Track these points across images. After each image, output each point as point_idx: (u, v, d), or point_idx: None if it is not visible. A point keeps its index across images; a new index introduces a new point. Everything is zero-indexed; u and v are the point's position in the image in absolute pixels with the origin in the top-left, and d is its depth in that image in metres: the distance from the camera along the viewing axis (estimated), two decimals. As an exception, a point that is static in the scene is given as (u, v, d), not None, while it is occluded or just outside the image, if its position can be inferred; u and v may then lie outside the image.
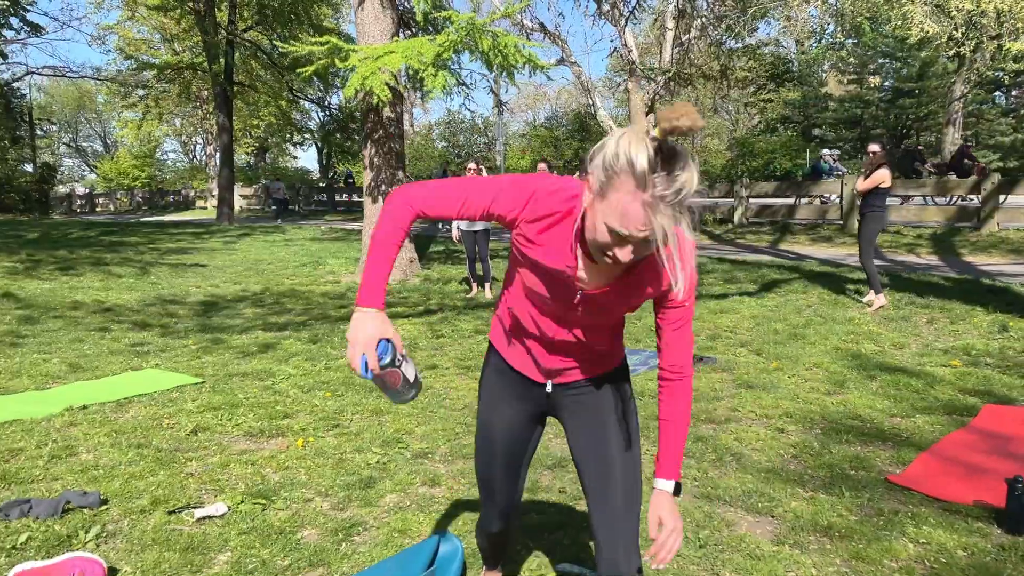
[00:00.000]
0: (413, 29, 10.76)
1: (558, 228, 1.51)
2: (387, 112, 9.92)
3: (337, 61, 9.14)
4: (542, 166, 9.27)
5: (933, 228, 13.27)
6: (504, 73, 9.15)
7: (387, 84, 8.52)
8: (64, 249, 13.27)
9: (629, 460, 1.77)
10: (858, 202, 7.39)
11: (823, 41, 31.56)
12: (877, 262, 7.71)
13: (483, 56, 8.71)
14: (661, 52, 16.06)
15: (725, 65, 16.61)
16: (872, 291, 7.24)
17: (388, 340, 1.52)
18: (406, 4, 10.42)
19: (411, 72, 8.96)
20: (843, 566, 2.59)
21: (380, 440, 3.83)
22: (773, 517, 2.98)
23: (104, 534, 2.72)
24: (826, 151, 17.47)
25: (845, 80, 32.84)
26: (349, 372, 5.25)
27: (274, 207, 26.46)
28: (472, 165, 8.64)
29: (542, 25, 15.24)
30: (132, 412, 4.26)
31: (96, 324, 6.94)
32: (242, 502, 3.00)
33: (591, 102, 27.78)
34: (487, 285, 8.72)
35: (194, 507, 2.94)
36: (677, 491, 1.69)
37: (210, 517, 2.86)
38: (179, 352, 5.86)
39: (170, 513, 2.90)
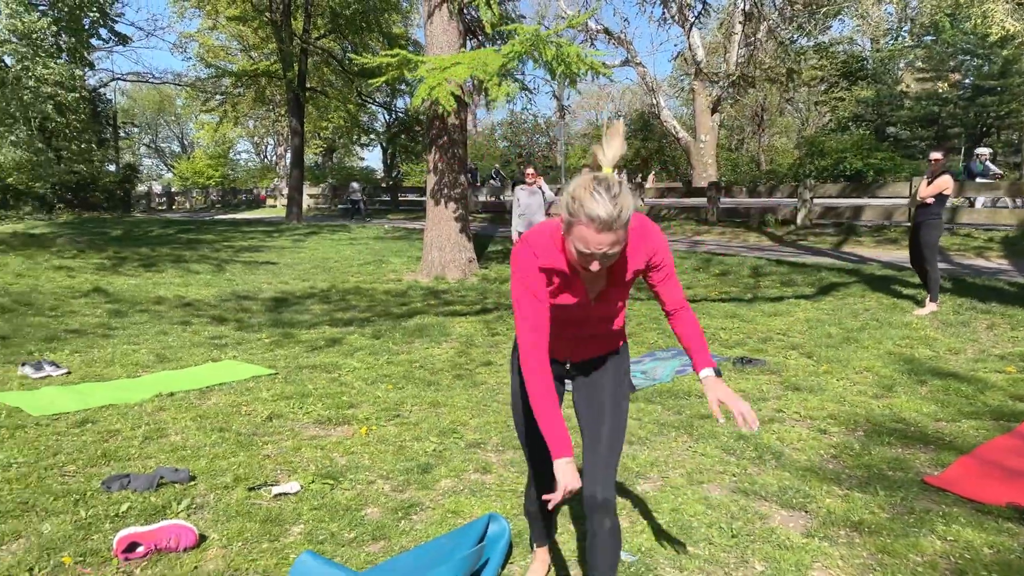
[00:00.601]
0: (480, 38, 11.08)
1: (555, 270, 1.97)
2: (452, 120, 10.26)
3: (406, 72, 9.53)
4: (529, 171, 9.39)
5: (1005, 231, 12.85)
6: (567, 80, 9.36)
7: (452, 94, 8.85)
8: (146, 247, 14.11)
9: (617, 413, 2.17)
10: (912, 209, 7.31)
11: (899, 39, 30.66)
12: (941, 266, 7.62)
13: (546, 65, 8.96)
14: (726, 54, 15.95)
15: (791, 68, 16.36)
16: (929, 297, 7.17)
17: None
18: (473, 14, 10.74)
19: (476, 82, 9.26)
20: (869, 559, 2.73)
21: (437, 430, 4.11)
22: (806, 512, 3.13)
23: (193, 506, 3.07)
24: (981, 150, 16.59)
25: (924, 77, 31.76)
26: (409, 367, 5.57)
27: (347, 207, 26.90)
28: (530, 170, 8.88)
29: (606, 30, 15.34)
30: (214, 399, 4.66)
31: (178, 318, 7.47)
32: (313, 482, 3.31)
33: (655, 102, 27.80)
34: None
35: (271, 485, 3.28)
36: (718, 374, 2.14)
37: (285, 494, 3.18)
38: (253, 345, 6.29)
39: (250, 489, 3.23)
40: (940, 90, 29.64)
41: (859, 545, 2.83)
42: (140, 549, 2.60)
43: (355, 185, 28.07)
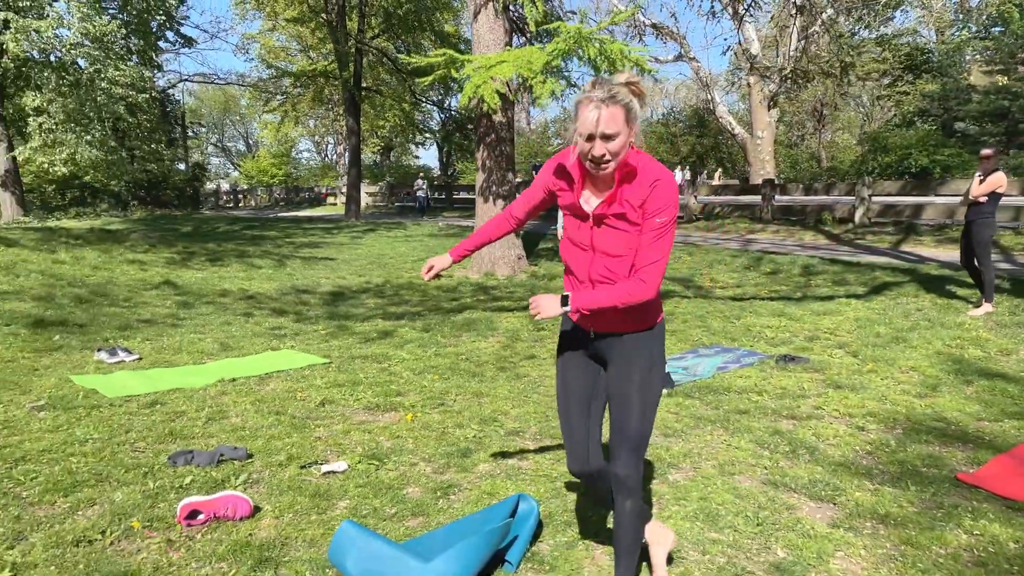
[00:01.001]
0: (526, 36, 11.23)
1: (566, 169, 2.21)
2: (498, 117, 10.45)
3: (453, 71, 9.75)
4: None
5: (1077, 230, 12.35)
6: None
7: (497, 92, 9.03)
8: (213, 242, 14.74)
9: (643, 402, 2.24)
10: (964, 207, 7.16)
11: (965, 30, 29.52)
12: (1003, 266, 7.44)
13: (590, 62, 9.05)
14: (778, 47, 15.69)
15: (845, 62, 15.96)
16: (984, 297, 7.02)
17: None
18: (519, 12, 10.90)
19: (521, 80, 9.42)
20: (892, 550, 2.79)
21: (478, 418, 4.29)
22: (834, 504, 3.19)
23: (250, 480, 3.32)
24: None
25: (992, 70, 30.50)
26: (455, 359, 5.77)
27: (413, 203, 26.82)
28: None
29: (655, 25, 15.29)
30: (271, 385, 4.94)
31: (241, 310, 7.85)
32: (359, 462, 3.53)
33: (710, 97, 27.49)
34: None
35: (321, 463, 3.51)
36: (564, 302, 2.15)
37: (333, 472, 3.40)
38: (310, 336, 6.59)
39: (302, 467, 3.47)
40: (1005, 82, 28.41)
41: (883, 536, 2.89)
42: (200, 516, 2.84)
43: (420, 182, 27.94)
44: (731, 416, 4.36)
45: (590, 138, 2.00)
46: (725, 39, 29.03)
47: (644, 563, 2.59)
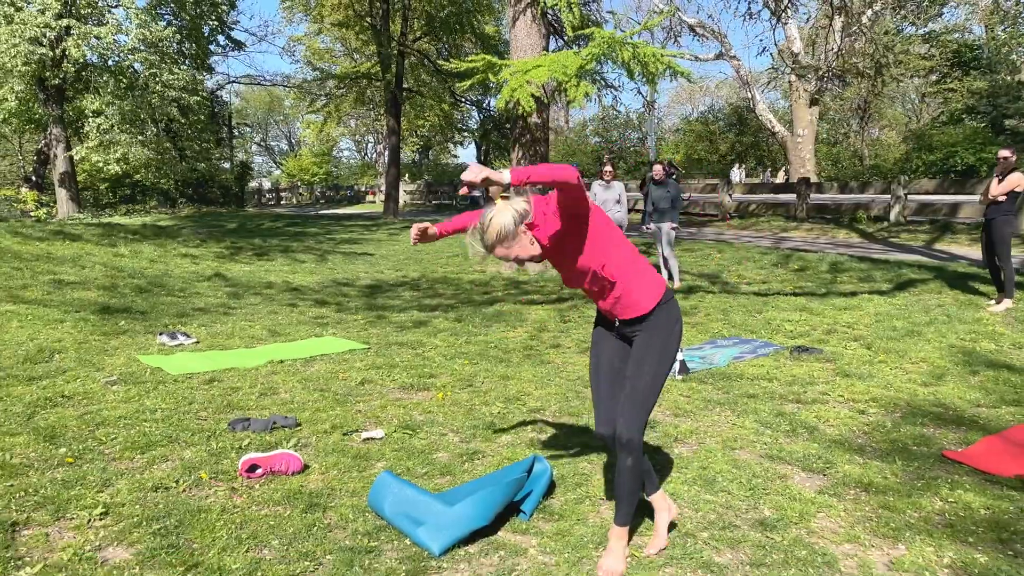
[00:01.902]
0: (563, 40, 11.58)
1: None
2: (533, 119, 10.83)
3: (491, 75, 10.16)
4: (607, 168, 9.54)
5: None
6: (645, 81, 9.73)
7: (532, 95, 9.41)
8: (258, 238, 15.41)
9: (656, 365, 2.63)
10: (983, 206, 7.31)
11: (1016, 26, 28.92)
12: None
13: (624, 66, 9.38)
14: (814, 47, 15.74)
15: (879, 62, 15.91)
16: (1005, 294, 7.17)
17: None
18: (557, 15, 11.25)
19: (556, 83, 9.78)
20: (869, 512, 3.09)
21: (503, 397, 4.68)
22: (824, 475, 3.50)
23: (299, 444, 3.76)
24: None
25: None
26: (485, 346, 6.17)
27: (467, 202, 26.81)
28: (608, 168, 9.32)
29: (691, 28, 15.46)
30: (316, 367, 5.40)
31: (286, 300, 8.37)
32: (395, 431, 3.95)
33: (750, 96, 27.44)
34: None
35: (361, 431, 3.93)
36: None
37: (372, 439, 3.82)
38: (350, 325, 7.06)
39: (344, 434, 3.90)
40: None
41: (863, 502, 3.19)
42: (259, 470, 3.28)
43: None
44: (739, 399, 4.67)
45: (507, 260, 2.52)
46: (762, 40, 28.75)
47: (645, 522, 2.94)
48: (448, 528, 2.67)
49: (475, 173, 2.24)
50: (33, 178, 27.14)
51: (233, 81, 38.45)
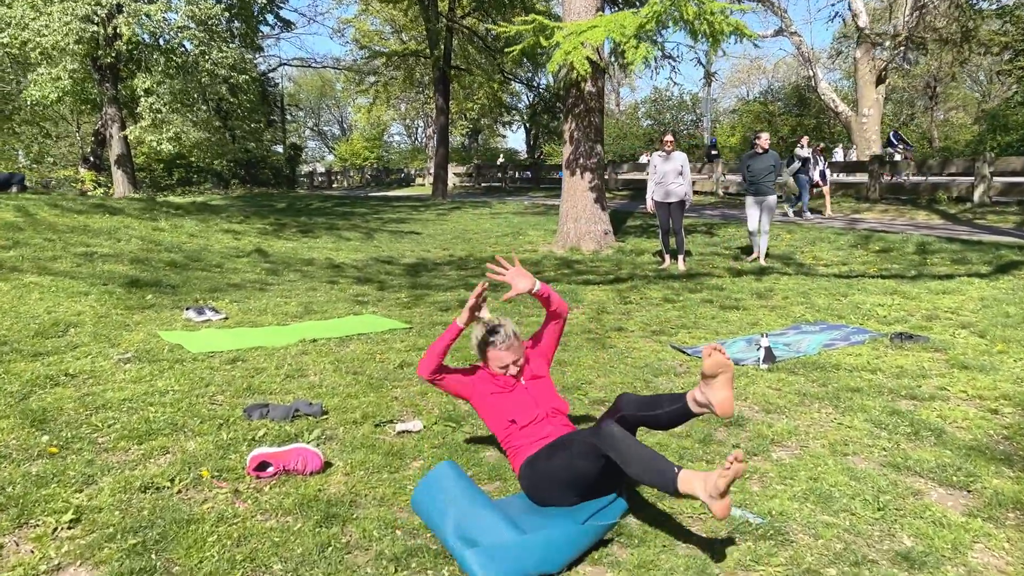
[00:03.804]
0: (619, 4, 10.79)
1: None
2: (588, 87, 10.09)
3: (542, 39, 9.44)
4: (668, 138, 8.68)
5: None
6: (709, 42, 8.91)
7: (587, 58, 8.68)
8: (305, 216, 15.04)
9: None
10: None
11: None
12: None
13: (687, 25, 8.57)
14: (892, 16, 14.56)
15: (966, 27, 14.58)
16: None
17: None
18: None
19: (613, 45, 9.03)
20: (1045, 546, 2.38)
21: (561, 386, 4.04)
22: (968, 492, 2.78)
23: (323, 437, 3.19)
24: None
25: None
26: (537, 328, 5.53)
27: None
28: (669, 138, 8.54)
29: (752, -2, 14.43)
30: (352, 347, 4.85)
31: (326, 277, 7.87)
32: (435, 423, 3.35)
33: (812, 74, 26.04)
34: (680, 257, 8.62)
35: (396, 422, 3.35)
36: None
37: (408, 432, 3.24)
38: (392, 303, 6.50)
39: (376, 425, 3.32)
40: None
41: (1033, 530, 2.47)
42: (270, 469, 2.72)
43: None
44: (841, 394, 3.95)
45: (505, 367, 2.85)
46: (833, 4, 27.07)
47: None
48: (507, 562, 2.06)
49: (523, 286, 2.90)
50: (91, 159, 27.47)
51: (284, 63, 38.48)
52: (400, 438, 3.19)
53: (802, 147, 14.38)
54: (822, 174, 14.21)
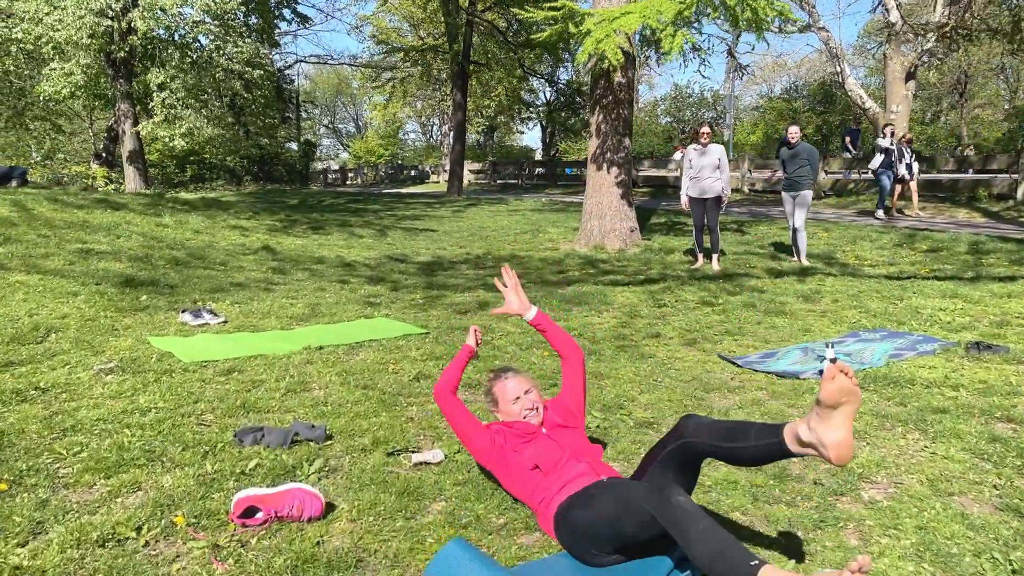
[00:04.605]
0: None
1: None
2: (618, 77, 9.54)
3: (571, 26, 8.89)
4: (705, 129, 8.04)
5: None
6: (752, 29, 8.34)
7: (620, 47, 8.15)
8: (316, 212, 14.59)
9: None
10: None
11: None
12: None
13: (728, 12, 8.02)
14: (933, 6, 13.85)
15: (1018, 15, 13.82)
16: None
17: None
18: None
19: (648, 33, 8.48)
20: None
21: (600, 403, 3.53)
22: (1121, 549, 2.23)
23: (326, 468, 2.69)
24: None
25: None
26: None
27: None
28: (706, 129, 7.97)
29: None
30: (362, 355, 4.35)
31: (336, 276, 7.39)
32: (459, 451, 2.85)
33: (839, 70, 25.29)
34: (715, 257, 8.06)
35: (412, 451, 2.85)
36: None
37: (427, 463, 2.73)
38: (406, 305, 6.01)
39: (389, 454, 2.82)
40: None
41: None
42: (259, 515, 2.22)
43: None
44: (925, 415, 3.40)
45: (518, 399, 2.57)
46: None
47: None
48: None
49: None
50: (104, 155, 27.19)
51: (301, 60, 38.13)
52: (417, 471, 2.68)
53: (884, 136, 12.25)
54: (908, 167, 12.24)
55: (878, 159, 12.06)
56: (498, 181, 30.11)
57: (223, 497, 2.39)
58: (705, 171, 7.91)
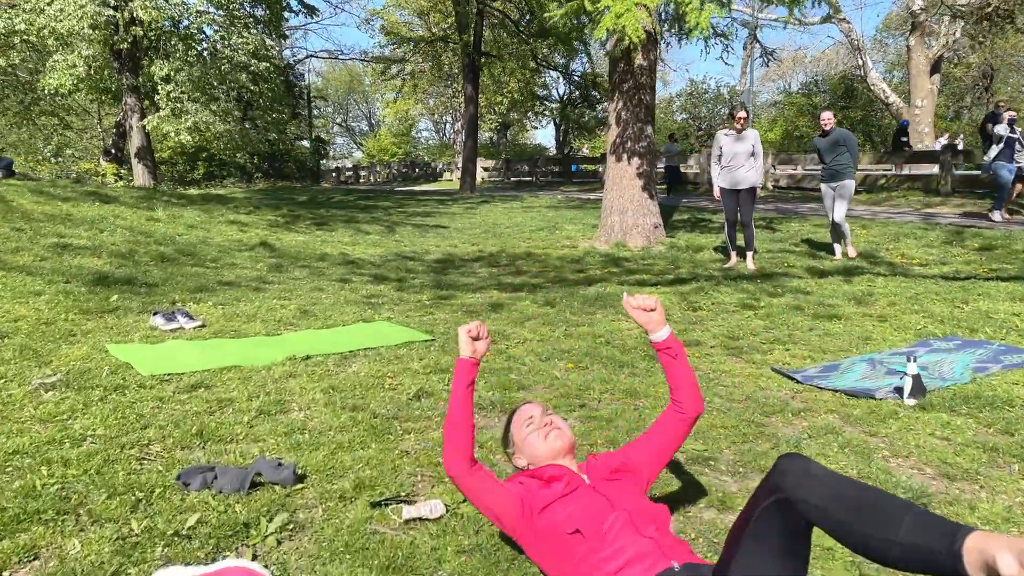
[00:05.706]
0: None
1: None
2: (638, 59, 8.88)
3: (587, 3, 8.22)
4: (741, 114, 7.33)
5: None
6: (786, 3, 7.67)
7: (641, 23, 7.48)
8: (323, 208, 14.02)
9: None
10: None
11: None
12: None
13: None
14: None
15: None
16: None
17: None
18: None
19: (672, 6, 7.81)
20: None
21: (638, 431, 2.87)
22: None
23: (291, 525, 2.06)
24: None
25: None
26: (592, 342, 4.38)
27: (666, 178, 18.41)
28: (742, 114, 7.28)
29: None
30: (355, 367, 3.73)
31: (338, 275, 6.78)
32: (464, 501, 2.21)
33: (861, 63, 24.49)
34: (749, 255, 7.38)
35: (404, 501, 2.21)
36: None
37: (422, 519, 2.09)
38: (411, 307, 5.38)
39: (374, 505, 2.18)
40: None
41: None
42: (183, 606, 1.60)
43: (674, 146, 19.16)
44: (1041, 446, 2.73)
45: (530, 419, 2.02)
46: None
47: None
48: None
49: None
50: (113, 151, 26.78)
51: (312, 55, 37.62)
52: (409, 531, 2.04)
53: (1001, 122, 10.04)
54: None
55: (995, 150, 10.13)
56: (512, 179, 29.48)
57: (141, 573, 1.76)
58: (739, 159, 7.23)
